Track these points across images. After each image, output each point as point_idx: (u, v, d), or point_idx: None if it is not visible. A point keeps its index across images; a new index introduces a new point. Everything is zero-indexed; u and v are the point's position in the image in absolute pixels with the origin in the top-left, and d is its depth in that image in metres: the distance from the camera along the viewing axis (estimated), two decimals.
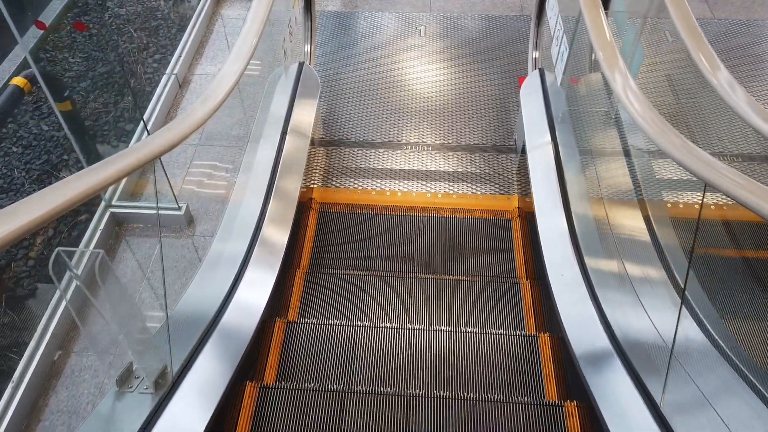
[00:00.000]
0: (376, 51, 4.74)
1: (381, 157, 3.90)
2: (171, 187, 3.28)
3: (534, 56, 4.06)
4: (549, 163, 3.26)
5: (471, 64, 4.61)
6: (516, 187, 3.72)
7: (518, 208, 3.60)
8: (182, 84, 4.45)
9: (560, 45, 3.30)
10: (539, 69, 3.78)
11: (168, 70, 4.38)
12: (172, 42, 4.98)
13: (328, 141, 4.03)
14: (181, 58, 4.48)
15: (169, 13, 5.34)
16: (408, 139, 4.03)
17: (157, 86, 4.33)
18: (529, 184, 3.34)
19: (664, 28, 4.36)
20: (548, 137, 3.35)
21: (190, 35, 4.71)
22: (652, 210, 2.86)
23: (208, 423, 1.90)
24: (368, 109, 4.25)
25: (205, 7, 4.98)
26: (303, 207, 3.49)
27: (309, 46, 4.11)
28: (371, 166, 3.85)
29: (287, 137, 3.36)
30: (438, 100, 4.31)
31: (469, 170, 3.82)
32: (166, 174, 3.33)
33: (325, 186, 3.75)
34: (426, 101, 4.29)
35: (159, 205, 3.36)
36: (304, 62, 3.82)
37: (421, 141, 4.02)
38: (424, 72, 4.55)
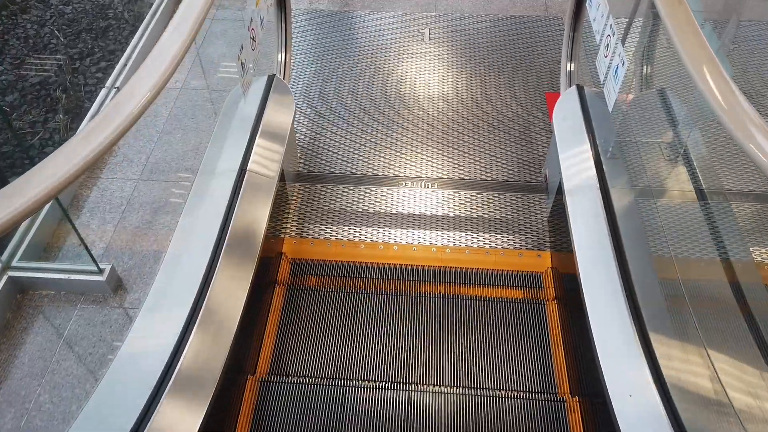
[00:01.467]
0: (371, 60, 3.96)
1: (373, 197, 3.11)
2: (83, 241, 2.49)
3: (568, 68, 3.27)
4: (596, 215, 2.48)
5: (485, 76, 3.83)
6: (548, 238, 2.93)
7: (552, 268, 2.81)
8: None
9: (613, 55, 2.51)
10: (577, 86, 2.99)
11: (109, 82, 3.60)
12: (122, 47, 4.20)
13: (307, 175, 3.24)
14: (127, 67, 3.70)
15: (122, 12, 4.57)
16: (408, 173, 3.24)
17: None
18: (567, 237, 2.56)
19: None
20: (594, 177, 2.56)
21: (140, 39, 3.93)
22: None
23: None
24: (359, 134, 3.46)
25: (163, 4, 4.20)
26: (268, 267, 2.69)
27: (283, 54, 3.32)
28: (361, 209, 3.06)
29: (246, 175, 2.58)
30: (446, 122, 3.52)
31: (486, 215, 3.03)
32: (70, 221, 2.54)
33: (301, 236, 2.96)
34: (431, 125, 3.50)
35: (72, 267, 2.56)
36: (274, 75, 3.03)
37: (424, 175, 3.23)
38: (428, 86, 3.76)
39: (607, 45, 2.59)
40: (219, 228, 2.35)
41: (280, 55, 3.33)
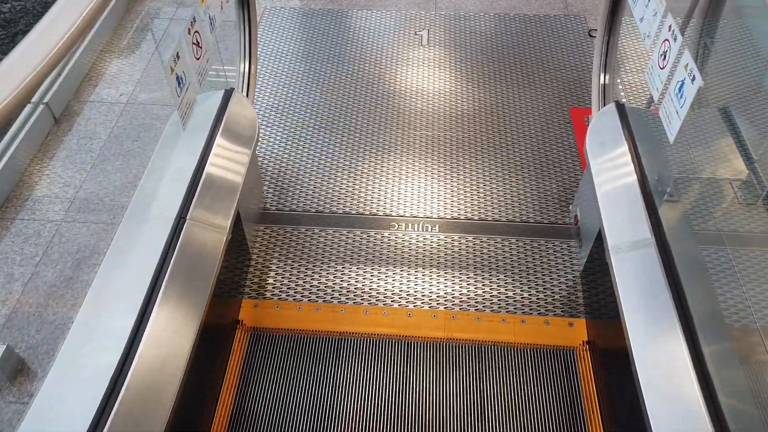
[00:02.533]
0: (358, 68, 3.35)
1: (358, 244, 2.50)
2: None
3: (602, 81, 2.66)
4: (654, 280, 1.88)
5: (495, 88, 3.22)
6: (582, 300, 2.32)
7: (588, 342, 2.20)
8: (60, 117, 3.04)
9: (675, 67, 1.92)
10: (616, 104, 2.39)
11: (35, 97, 2.98)
12: None
13: (275, 215, 2.62)
14: (61, 78, 3.09)
15: None
16: (402, 212, 2.63)
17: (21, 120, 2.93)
18: (610, 300, 1.98)
19: None
20: (647, 229, 1.97)
21: (81, 42, 3.32)
22: None
23: None
24: (342, 161, 2.85)
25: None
26: (218, 343, 2.08)
27: (245, 64, 2.71)
28: (342, 260, 2.45)
29: (187, 224, 1.98)
30: (448, 147, 2.91)
31: (501, 267, 2.42)
32: None
33: (264, 296, 2.34)
34: (430, 149, 2.89)
35: None
36: (233, 91, 2.43)
37: (422, 215, 2.62)
38: (426, 101, 3.15)
39: (665, 53, 1.99)
40: (146, 292, 1.76)
41: (241, 65, 2.71)
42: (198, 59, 2.12)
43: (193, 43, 2.10)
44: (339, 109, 3.10)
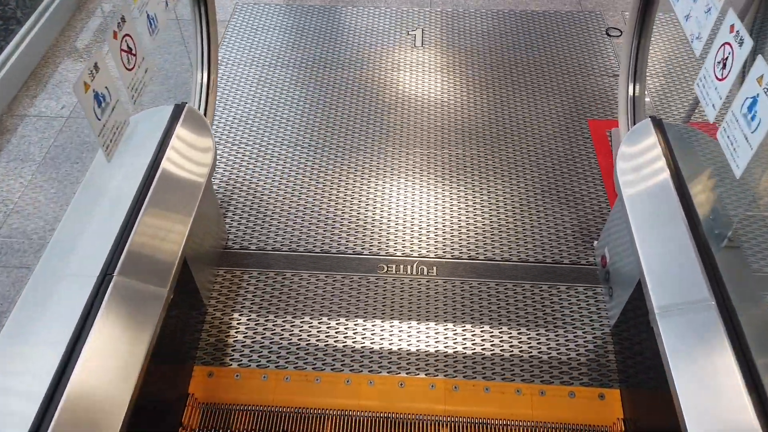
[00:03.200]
0: (341, 75, 2.93)
1: (338, 292, 2.08)
2: None
3: (630, 92, 2.25)
4: (718, 352, 1.48)
5: (498, 98, 2.80)
6: (616, 365, 1.90)
7: (624, 420, 1.79)
8: None
9: (732, 75, 1.53)
10: (652, 120, 1.98)
11: None
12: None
13: (237, 255, 2.20)
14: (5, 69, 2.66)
15: (15, 11, 3.52)
16: (392, 251, 2.21)
17: None
18: (653, 368, 1.58)
19: None
20: (704, 285, 1.57)
21: (19, 45, 2.88)
22: None
23: None
24: (318, 189, 2.42)
25: (54, 5, 3.14)
26: (160, 419, 1.66)
27: (202, 73, 2.29)
28: (318, 312, 2.03)
29: (114, 282, 1.58)
30: (444, 171, 2.49)
31: (511, 320, 2.00)
32: None
33: (221, 363, 1.92)
34: (423, 175, 2.47)
35: None
36: (185, 106, 2.02)
37: (416, 255, 2.20)
38: (419, 114, 2.73)
39: (723, 60, 1.58)
40: (53, 374, 1.36)
41: (198, 74, 2.28)
42: (130, 70, 1.70)
43: (123, 50, 1.68)
44: (318, 125, 2.68)
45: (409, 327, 1.98)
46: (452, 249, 2.20)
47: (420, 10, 3.31)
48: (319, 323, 1.99)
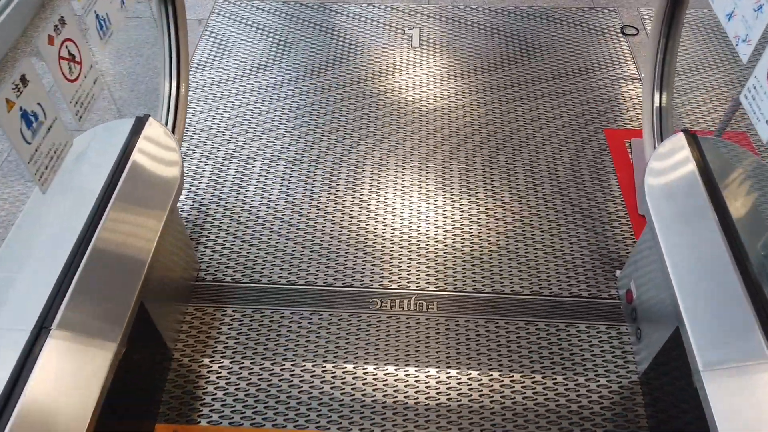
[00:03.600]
0: (330, 80, 2.67)
1: (324, 332, 1.82)
2: None
3: (656, 103, 1.99)
4: None
5: (503, 105, 2.55)
6: (645, 419, 1.65)
7: None
8: None
9: None
10: (685, 134, 1.74)
11: None
12: None
13: (209, 291, 1.94)
14: None
15: None
16: (385, 283, 1.96)
17: None
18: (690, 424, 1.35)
19: None
20: (760, 341, 1.32)
21: None
22: None
23: None
24: (302, 211, 2.17)
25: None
26: None
27: (169, 82, 2.03)
28: (300, 354, 1.77)
29: (51, 335, 1.33)
30: (445, 188, 2.24)
31: (524, 365, 1.75)
32: None
33: (187, 418, 1.66)
34: (421, 194, 2.22)
35: None
36: (147, 119, 1.78)
37: (413, 286, 1.94)
38: (416, 123, 2.48)
39: None
40: None
41: (166, 83, 2.02)
42: (73, 81, 1.44)
43: (63, 58, 1.43)
44: (304, 136, 2.42)
45: (406, 375, 1.73)
46: (455, 280, 1.95)
47: (417, 7, 3.05)
48: (302, 371, 1.74)
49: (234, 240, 2.06)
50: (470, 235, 2.07)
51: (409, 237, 2.07)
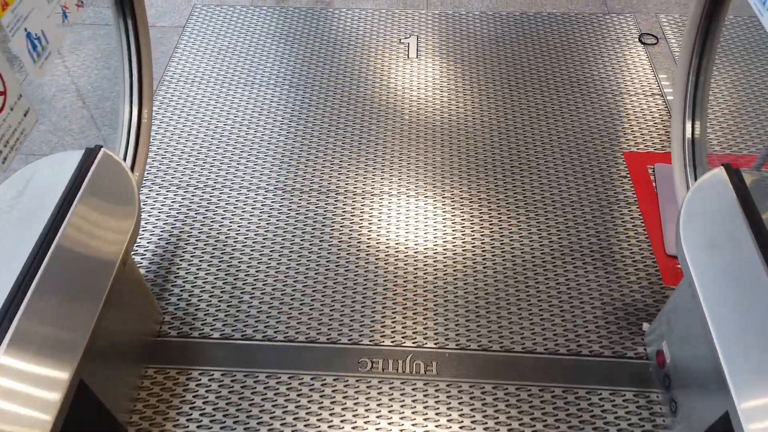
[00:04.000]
0: (315, 97, 2.42)
1: (305, 401, 1.57)
2: None
3: (688, 134, 1.73)
4: None
5: (509, 124, 2.30)
6: None
7: None
8: None
9: None
10: (727, 170, 1.50)
11: None
12: None
13: (172, 349, 1.69)
14: None
15: None
16: (376, 339, 1.71)
17: None
18: None
19: None
20: None
21: None
22: None
23: None
24: (280, 253, 1.92)
25: None
26: None
27: (128, 107, 1.77)
28: (281, 429, 1.52)
29: None
30: (443, 224, 1.99)
31: (538, 430, 1.51)
32: None
33: None
34: (417, 229, 1.97)
35: None
36: (99, 151, 1.54)
37: (408, 343, 1.69)
38: (412, 144, 2.23)
39: None
40: None
41: (126, 109, 1.76)
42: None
43: None
44: (286, 162, 2.17)
45: None
46: (457, 335, 1.70)
47: (414, 13, 2.80)
48: None
49: (204, 286, 1.81)
50: (474, 280, 1.82)
51: (405, 282, 1.82)
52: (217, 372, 1.62)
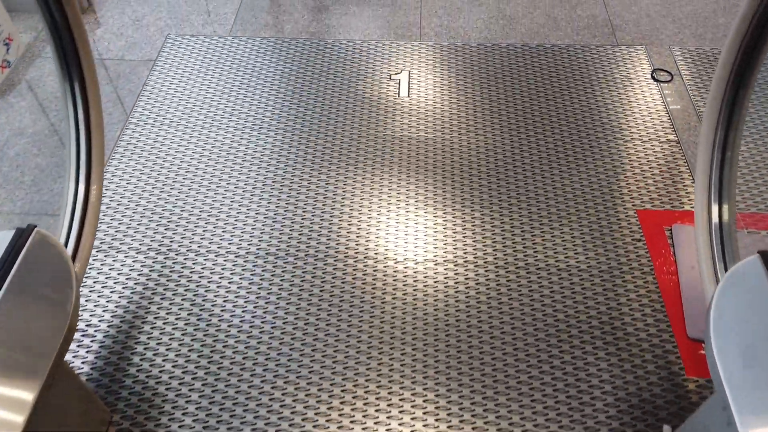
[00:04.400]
0: (296, 143, 2.20)
1: None
2: None
3: (714, 217, 1.51)
4: None
5: (509, 171, 2.09)
6: None
7: None
8: None
9: None
10: (762, 257, 1.27)
11: None
12: None
13: None
14: None
15: None
16: (368, 423, 1.50)
17: None
18: None
19: None
20: None
21: None
22: None
23: None
24: (252, 329, 1.70)
25: None
26: None
27: (74, 183, 1.56)
28: None
29: None
30: (433, 307, 1.77)
31: None
32: None
33: None
34: (405, 310, 1.75)
35: None
36: (33, 231, 1.32)
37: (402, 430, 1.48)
38: (401, 201, 2.01)
39: None
40: None
41: (69, 186, 1.54)
42: None
43: None
44: (257, 223, 1.95)
45: None
46: (449, 427, 1.48)
47: (407, 45, 2.58)
48: None
49: (164, 365, 1.59)
50: (470, 369, 1.61)
51: (390, 372, 1.60)
52: None
